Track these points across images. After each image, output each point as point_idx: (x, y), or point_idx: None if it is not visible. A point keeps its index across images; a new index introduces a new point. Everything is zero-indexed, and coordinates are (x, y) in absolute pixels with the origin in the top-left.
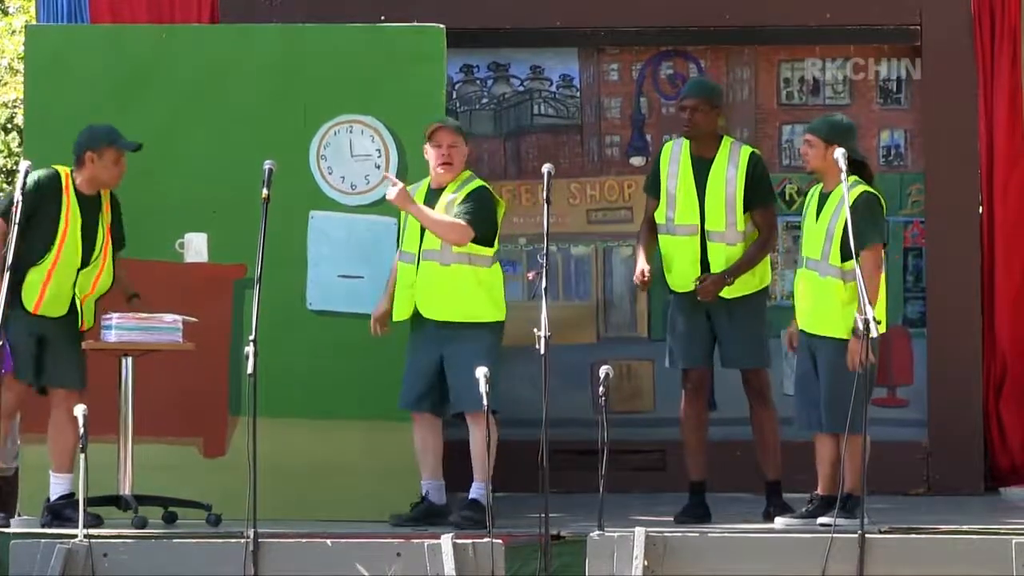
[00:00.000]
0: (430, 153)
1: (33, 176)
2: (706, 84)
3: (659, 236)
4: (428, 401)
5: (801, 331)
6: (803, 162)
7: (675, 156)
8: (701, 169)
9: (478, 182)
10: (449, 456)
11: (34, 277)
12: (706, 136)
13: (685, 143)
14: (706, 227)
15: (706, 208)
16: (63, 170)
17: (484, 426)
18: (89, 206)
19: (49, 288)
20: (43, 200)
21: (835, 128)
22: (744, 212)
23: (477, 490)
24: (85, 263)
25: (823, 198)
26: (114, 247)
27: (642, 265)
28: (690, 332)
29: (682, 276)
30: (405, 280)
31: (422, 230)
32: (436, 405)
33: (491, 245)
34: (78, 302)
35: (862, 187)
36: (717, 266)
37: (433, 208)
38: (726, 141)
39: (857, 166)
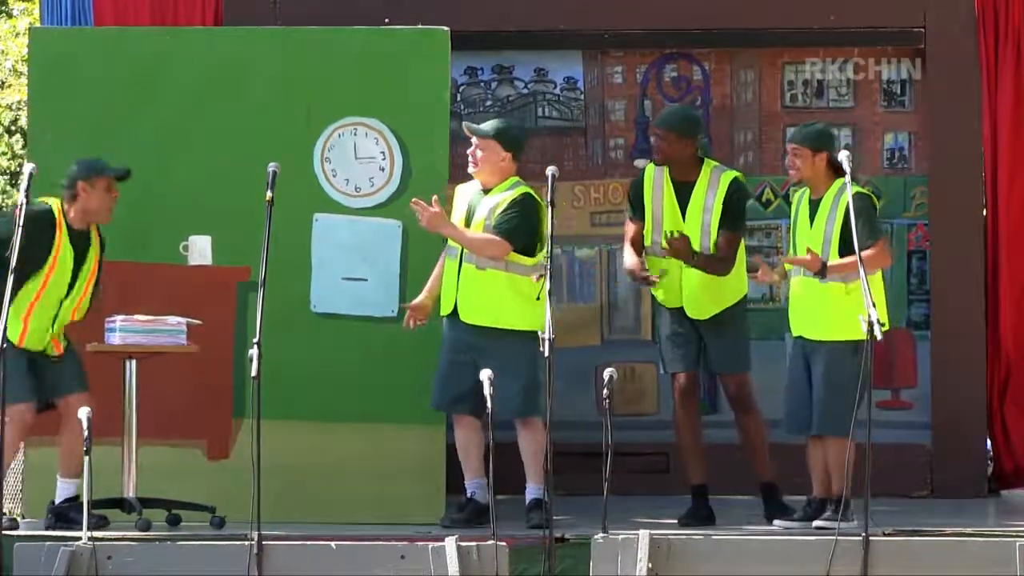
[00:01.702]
0: None
1: (28, 210)
2: (674, 114)
3: (646, 255)
4: (466, 404)
5: (798, 337)
6: (790, 173)
7: (657, 181)
8: (683, 193)
9: (522, 189)
10: (451, 459)
11: (14, 312)
12: (682, 162)
13: (665, 167)
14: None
15: (688, 231)
16: (55, 204)
17: (534, 430)
18: (79, 240)
19: (31, 322)
20: (33, 235)
21: (821, 135)
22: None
23: (536, 491)
24: (67, 294)
25: (813, 204)
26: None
27: (634, 260)
28: (678, 337)
29: (670, 293)
30: (450, 276)
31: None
32: (475, 407)
33: (532, 254)
34: (59, 331)
35: (855, 187)
36: (693, 292)
37: (477, 209)
38: (707, 166)
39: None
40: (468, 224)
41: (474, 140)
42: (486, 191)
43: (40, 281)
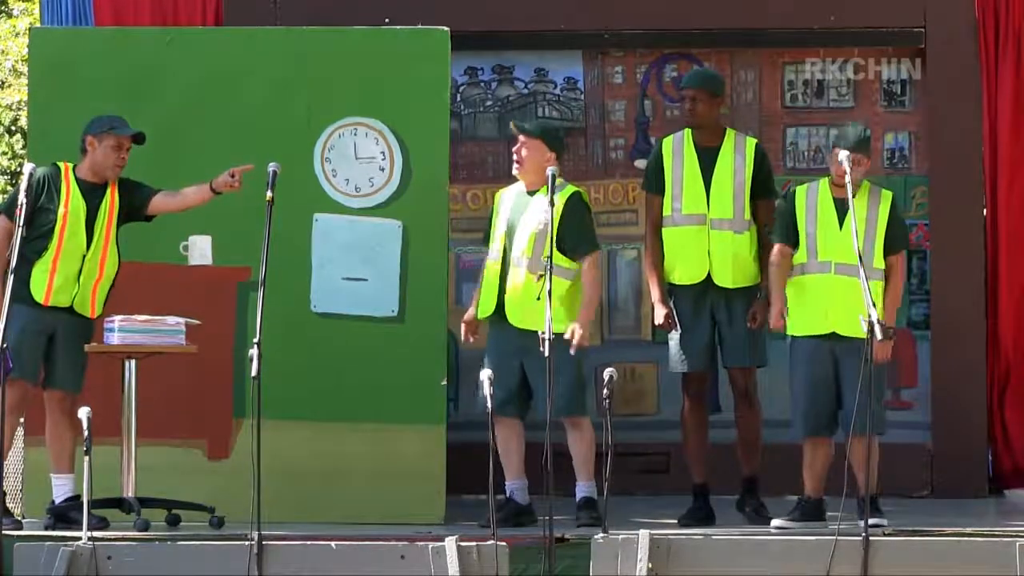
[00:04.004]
0: None
1: (35, 174)
2: (706, 74)
3: (664, 230)
4: (512, 405)
5: (827, 335)
6: (849, 178)
7: (678, 148)
8: (707, 158)
9: (570, 189)
10: (451, 459)
11: (40, 269)
12: (709, 126)
13: (687, 134)
14: (710, 215)
15: (712, 196)
16: (64, 164)
17: (583, 430)
18: (92, 192)
19: (56, 277)
20: (43, 194)
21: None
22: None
23: (586, 489)
24: (88, 248)
25: (840, 204)
26: (145, 197)
27: (664, 308)
28: (693, 333)
29: (688, 268)
30: (491, 279)
31: (511, 233)
32: (519, 408)
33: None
34: (88, 289)
35: (887, 192)
36: (722, 257)
37: (525, 211)
38: (730, 132)
39: None
40: (514, 227)
41: (520, 139)
42: (531, 192)
43: (57, 233)
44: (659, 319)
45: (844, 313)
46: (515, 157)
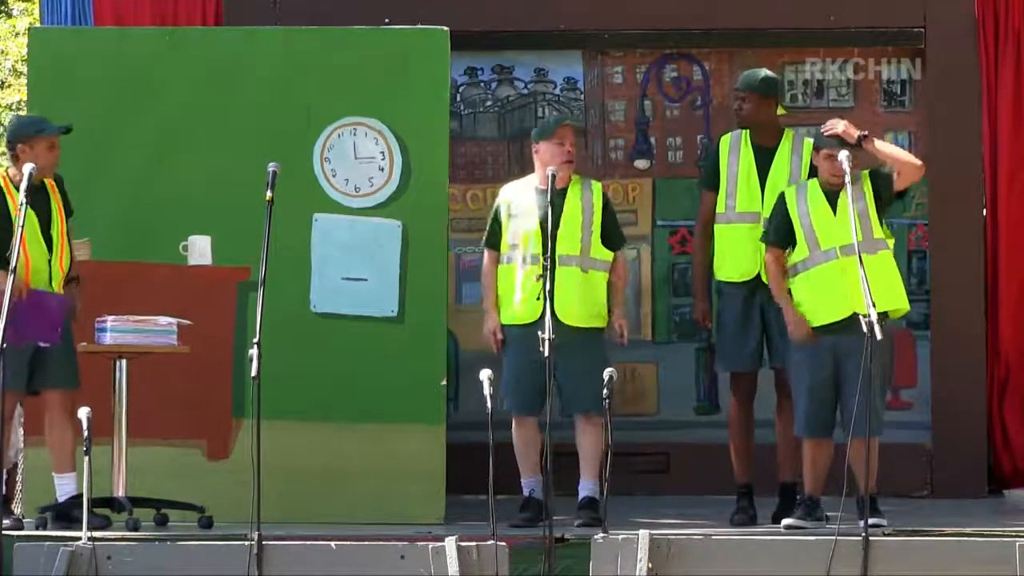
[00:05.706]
0: (548, 151)
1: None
2: (754, 75)
3: (716, 226)
4: (538, 404)
5: (846, 320)
6: (835, 179)
7: (735, 145)
8: (763, 157)
9: (599, 186)
10: (451, 459)
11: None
12: (764, 126)
13: (744, 134)
14: (764, 214)
15: (766, 195)
16: (1, 174)
17: (596, 427)
18: (36, 196)
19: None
20: None
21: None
22: None
23: (589, 489)
24: (50, 251)
25: (831, 195)
26: (68, 209)
27: (702, 304)
28: (744, 332)
29: (739, 265)
30: (529, 283)
31: (551, 235)
32: (541, 406)
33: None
34: (52, 288)
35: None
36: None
37: (562, 210)
38: (788, 133)
39: None
40: (545, 222)
41: (572, 137)
42: (562, 190)
43: (20, 249)
44: (696, 313)
45: (859, 292)
46: (568, 157)
